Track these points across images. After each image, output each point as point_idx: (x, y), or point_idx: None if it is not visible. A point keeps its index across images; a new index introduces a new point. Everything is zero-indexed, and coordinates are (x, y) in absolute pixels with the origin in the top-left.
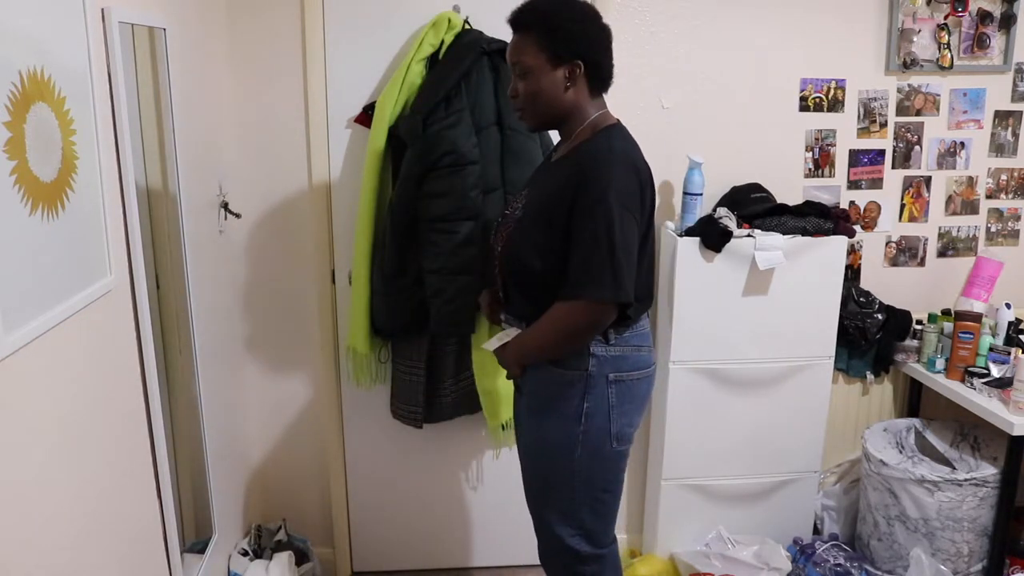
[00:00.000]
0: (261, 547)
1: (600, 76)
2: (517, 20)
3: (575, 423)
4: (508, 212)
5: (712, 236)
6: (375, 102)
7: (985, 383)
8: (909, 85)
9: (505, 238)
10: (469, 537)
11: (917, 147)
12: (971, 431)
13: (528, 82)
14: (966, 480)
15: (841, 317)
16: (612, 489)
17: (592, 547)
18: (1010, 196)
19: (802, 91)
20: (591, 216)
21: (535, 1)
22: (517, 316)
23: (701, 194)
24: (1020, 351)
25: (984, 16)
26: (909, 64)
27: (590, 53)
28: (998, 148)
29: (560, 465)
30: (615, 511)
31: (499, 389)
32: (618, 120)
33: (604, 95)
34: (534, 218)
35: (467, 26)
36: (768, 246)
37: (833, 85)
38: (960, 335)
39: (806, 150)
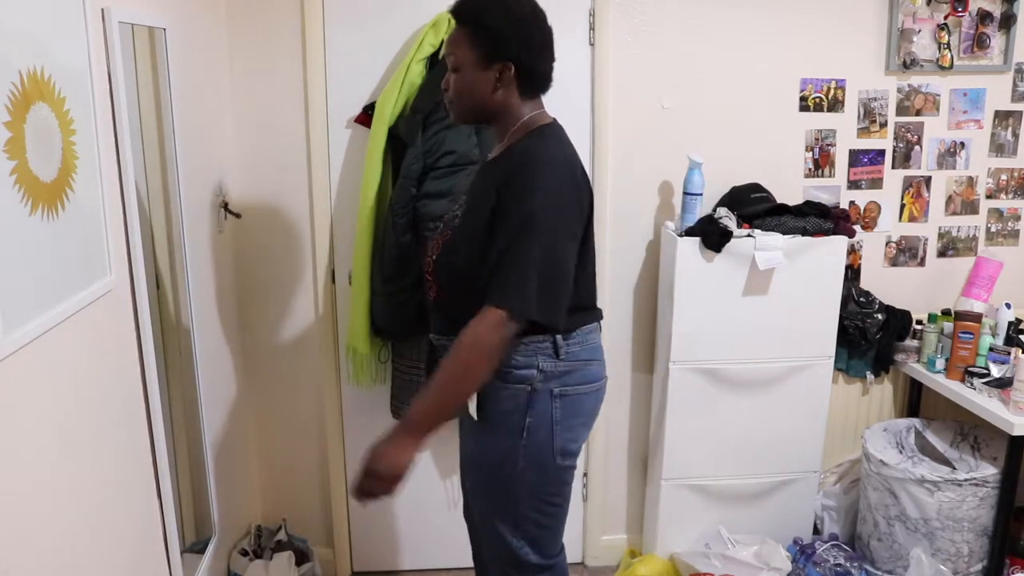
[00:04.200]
0: (261, 547)
1: (533, 78)
2: (456, 12)
3: (517, 437)
4: (447, 218)
5: (712, 236)
6: (375, 102)
7: (985, 383)
8: (909, 85)
9: (440, 245)
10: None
11: (917, 147)
12: (971, 431)
13: (458, 77)
14: (966, 480)
15: (841, 317)
16: (557, 502)
17: (540, 557)
18: (1010, 196)
19: (802, 91)
20: (518, 225)
21: None
22: (451, 334)
23: (701, 194)
24: (1020, 351)
25: (984, 16)
26: (909, 64)
27: (522, 55)
28: (998, 148)
29: (503, 478)
30: (563, 523)
31: None
32: (554, 119)
33: (543, 96)
34: (467, 224)
35: None
36: (768, 246)
37: (833, 85)
38: (960, 335)
39: (806, 150)
